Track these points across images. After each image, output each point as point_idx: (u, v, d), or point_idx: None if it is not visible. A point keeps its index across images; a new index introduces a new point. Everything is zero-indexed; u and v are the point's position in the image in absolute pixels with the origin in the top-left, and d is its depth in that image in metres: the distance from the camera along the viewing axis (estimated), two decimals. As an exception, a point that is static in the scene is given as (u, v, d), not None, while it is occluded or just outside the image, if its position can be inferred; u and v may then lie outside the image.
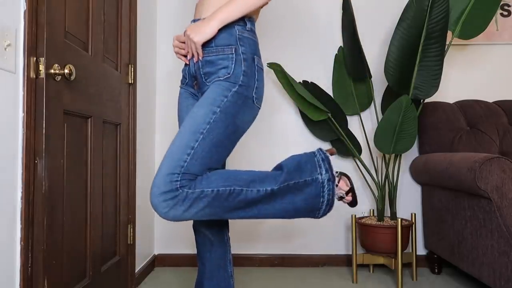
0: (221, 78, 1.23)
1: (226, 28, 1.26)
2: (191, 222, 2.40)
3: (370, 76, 2.21)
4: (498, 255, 1.59)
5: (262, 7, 1.30)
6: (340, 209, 2.41)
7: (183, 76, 1.37)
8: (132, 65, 1.92)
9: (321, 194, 1.16)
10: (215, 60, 1.26)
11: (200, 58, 1.26)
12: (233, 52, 1.25)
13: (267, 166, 2.38)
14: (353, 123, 2.40)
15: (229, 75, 1.23)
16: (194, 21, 1.34)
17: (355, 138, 2.29)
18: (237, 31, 1.26)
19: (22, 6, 1.14)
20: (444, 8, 1.93)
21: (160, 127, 2.44)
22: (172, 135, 2.43)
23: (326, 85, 2.41)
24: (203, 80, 1.27)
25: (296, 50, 2.44)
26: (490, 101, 2.38)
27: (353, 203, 1.24)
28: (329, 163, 1.19)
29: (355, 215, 2.12)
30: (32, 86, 1.16)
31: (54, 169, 1.24)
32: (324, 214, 1.20)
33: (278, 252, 2.40)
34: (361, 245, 2.14)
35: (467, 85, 2.47)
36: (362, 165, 2.19)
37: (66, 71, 1.25)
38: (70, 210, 1.36)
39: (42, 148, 1.18)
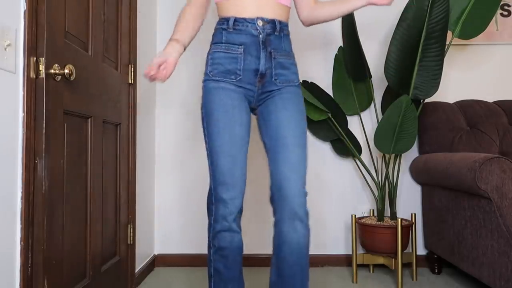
0: (296, 84, 1.33)
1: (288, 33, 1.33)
2: (191, 222, 2.41)
3: (370, 76, 2.21)
4: (498, 255, 1.59)
5: None
6: (340, 209, 2.41)
7: (233, 72, 1.27)
8: (132, 65, 1.92)
9: None
10: (286, 64, 1.31)
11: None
12: (294, 58, 1.36)
13: (266, 165, 2.37)
14: (353, 123, 2.40)
15: (298, 82, 1.34)
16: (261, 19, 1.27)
17: (355, 138, 2.29)
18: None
19: (22, 6, 1.14)
20: (444, 8, 1.93)
21: (160, 127, 2.44)
22: (172, 135, 2.43)
23: (326, 85, 2.41)
24: (272, 80, 1.29)
25: (296, 50, 2.44)
26: (490, 101, 2.38)
27: None
28: None
29: (355, 215, 2.12)
30: (32, 86, 1.16)
31: (54, 169, 1.24)
32: None
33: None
34: (361, 245, 2.14)
35: (467, 85, 2.47)
36: (362, 165, 2.19)
37: (66, 71, 1.25)
38: (70, 210, 1.36)
39: (42, 148, 1.18)
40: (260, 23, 1.26)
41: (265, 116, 1.31)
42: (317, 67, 2.43)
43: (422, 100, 2.09)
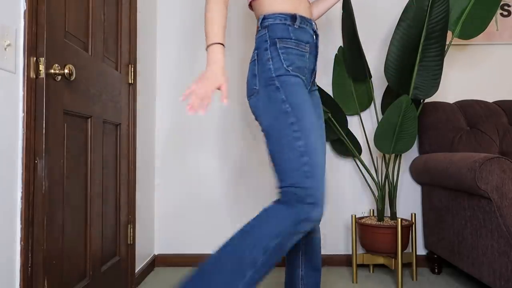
0: (317, 88, 1.38)
1: None
2: (191, 222, 2.41)
3: (370, 76, 2.21)
4: (498, 255, 1.59)
5: None
6: (340, 209, 2.41)
7: (302, 69, 1.23)
8: (132, 65, 1.92)
9: None
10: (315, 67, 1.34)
11: None
12: None
13: (266, 165, 2.38)
14: (353, 123, 2.40)
15: None
16: (306, 20, 1.25)
17: (355, 138, 2.29)
18: None
19: (22, 6, 1.14)
20: (444, 8, 1.93)
21: (160, 127, 2.44)
22: (172, 135, 2.43)
23: (326, 85, 2.41)
24: (312, 80, 1.32)
25: (296, 50, 2.44)
26: (490, 101, 2.38)
27: None
28: None
29: (355, 215, 2.12)
30: (32, 86, 1.16)
31: (54, 169, 1.24)
32: None
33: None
34: (361, 245, 2.14)
35: (467, 85, 2.47)
36: (362, 165, 2.19)
37: (66, 71, 1.25)
38: (70, 210, 1.36)
39: (42, 148, 1.18)
40: (314, 24, 1.28)
41: None
42: (317, 67, 2.43)
43: (422, 100, 2.09)
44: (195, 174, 2.43)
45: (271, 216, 1.12)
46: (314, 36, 1.28)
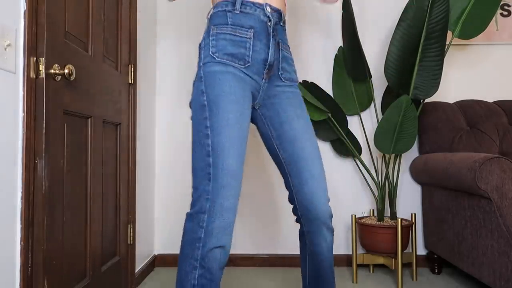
0: (297, 84, 1.23)
1: None
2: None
3: (370, 76, 2.21)
4: (498, 255, 1.59)
5: None
6: (340, 209, 2.41)
7: (241, 57, 1.11)
8: (132, 65, 1.92)
9: None
10: (289, 59, 1.22)
11: None
12: None
13: (266, 164, 2.38)
14: (353, 123, 2.40)
15: (297, 82, 1.25)
16: (267, 5, 1.15)
17: (355, 138, 2.29)
18: None
19: (22, 6, 1.14)
20: (444, 8, 1.93)
21: (160, 127, 2.44)
22: (172, 135, 2.43)
23: (326, 85, 2.41)
24: (279, 74, 1.18)
25: (296, 50, 2.44)
26: (490, 101, 2.38)
27: None
28: None
29: (355, 215, 2.12)
30: (32, 86, 1.16)
31: (54, 169, 1.24)
32: None
33: (278, 252, 2.40)
34: (361, 245, 2.14)
35: (467, 85, 2.47)
36: (362, 165, 2.19)
37: (66, 71, 1.25)
38: (70, 210, 1.36)
39: (42, 148, 1.18)
40: (268, 9, 1.14)
41: (276, 126, 1.19)
42: (317, 67, 2.43)
43: (422, 100, 2.09)
44: (195, 174, 2.42)
45: (184, 232, 1.06)
46: (268, 22, 1.14)
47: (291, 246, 2.40)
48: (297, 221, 1.25)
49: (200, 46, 1.16)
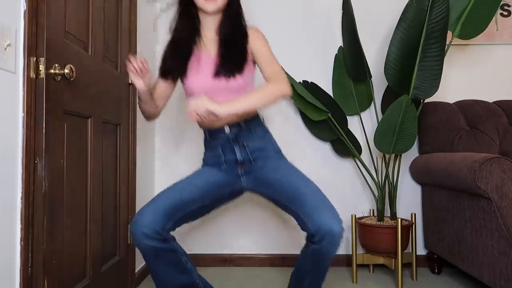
0: (275, 156, 1.54)
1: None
2: (191, 223, 2.40)
3: (370, 76, 2.21)
4: (498, 255, 1.59)
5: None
6: (340, 209, 2.40)
7: (219, 164, 1.50)
8: (132, 65, 1.91)
9: None
10: (260, 146, 1.52)
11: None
12: (268, 133, 1.60)
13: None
14: (353, 123, 2.40)
15: (277, 153, 1.58)
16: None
17: (355, 138, 2.29)
18: None
19: (22, 6, 1.14)
20: (444, 8, 1.93)
21: (160, 127, 2.44)
22: (172, 135, 2.43)
23: (326, 85, 2.41)
24: (252, 164, 1.49)
25: (296, 50, 2.44)
26: (490, 101, 2.38)
27: None
28: None
29: (355, 215, 2.12)
30: (32, 86, 1.16)
31: (54, 169, 1.24)
32: None
33: (278, 252, 2.40)
34: (361, 245, 2.14)
35: (467, 85, 2.47)
36: (362, 165, 2.19)
37: (66, 71, 1.24)
38: (70, 210, 1.36)
39: (42, 148, 1.18)
40: (227, 129, 1.47)
41: (269, 194, 1.48)
42: (317, 67, 2.43)
43: (422, 100, 2.09)
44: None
45: None
46: (230, 135, 1.47)
47: (291, 246, 2.39)
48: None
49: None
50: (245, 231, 2.42)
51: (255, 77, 1.56)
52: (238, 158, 1.48)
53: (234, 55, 1.45)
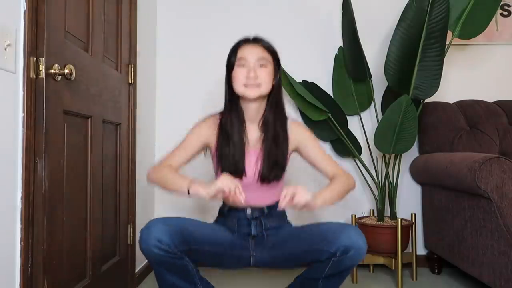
0: (284, 225, 1.57)
1: None
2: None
3: (370, 76, 2.21)
4: (498, 255, 1.59)
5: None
6: (340, 209, 2.41)
7: (230, 236, 1.49)
8: (132, 65, 1.92)
9: None
10: (276, 225, 1.53)
11: None
12: (285, 215, 1.61)
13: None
14: (353, 123, 2.40)
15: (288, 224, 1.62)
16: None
17: (355, 138, 2.29)
18: None
19: (22, 6, 1.14)
20: (444, 8, 1.93)
21: (160, 127, 2.44)
22: (172, 135, 2.43)
23: (326, 85, 2.41)
24: (264, 239, 1.49)
25: (296, 50, 2.44)
26: (490, 101, 2.38)
27: None
28: None
29: (355, 215, 2.12)
30: (32, 86, 1.16)
31: (54, 169, 1.24)
32: None
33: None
34: (361, 245, 2.14)
35: (467, 85, 2.47)
36: (362, 165, 2.19)
37: (66, 71, 1.24)
38: (70, 210, 1.36)
39: (42, 148, 1.18)
40: (249, 212, 1.47)
41: (281, 254, 1.45)
42: (317, 67, 2.43)
43: (422, 100, 2.09)
44: (195, 174, 2.42)
45: None
46: (250, 217, 1.47)
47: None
48: None
49: None
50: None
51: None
52: (252, 232, 1.47)
53: (279, 160, 1.46)
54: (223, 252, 1.42)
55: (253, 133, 1.50)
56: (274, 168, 1.45)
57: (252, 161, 1.47)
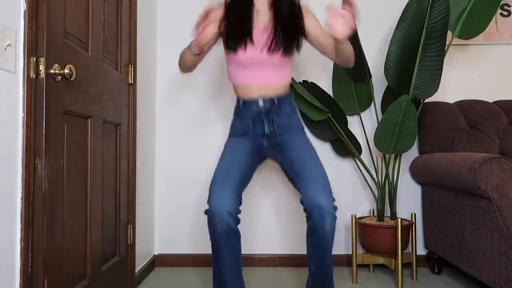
0: (299, 132, 1.67)
1: None
2: (191, 222, 2.41)
3: (370, 76, 2.21)
4: (498, 255, 1.59)
5: None
6: (340, 209, 2.41)
7: (247, 133, 1.63)
8: (132, 65, 1.92)
9: None
10: (287, 123, 1.65)
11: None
12: (296, 112, 1.69)
13: (265, 166, 2.38)
14: (353, 123, 2.40)
15: (301, 130, 1.70)
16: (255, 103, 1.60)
17: (355, 138, 2.29)
18: None
19: (22, 6, 1.14)
20: (444, 8, 1.93)
21: (160, 127, 2.44)
22: (172, 135, 2.43)
23: (326, 85, 2.41)
24: (277, 138, 1.63)
25: (296, 50, 2.44)
26: (490, 101, 2.38)
27: None
28: None
29: (355, 215, 2.12)
30: (32, 86, 1.16)
31: (54, 169, 1.24)
32: None
33: (278, 252, 2.40)
34: (361, 245, 2.14)
35: (467, 85, 2.47)
36: (362, 165, 2.19)
37: (66, 71, 1.25)
38: (70, 210, 1.36)
39: (42, 148, 1.18)
40: (261, 102, 1.59)
41: (282, 164, 1.62)
42: (317, 67, 2.43)
43: (422, 100, 2.09)
44: (195, 174, 2.43)
45: None
46: (263, 109, 1.59)
47: (291, 246, 2.40)
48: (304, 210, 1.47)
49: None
50: (245, 231, 2.41)
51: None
52: (266, 131, 1.60)
53: (293, 33, 1.53)
54: (253, 163, 1.60)
55: (263, 12, 1.58)
56: (287, 34, 1.53)
57: (261, 30, 1.55)
